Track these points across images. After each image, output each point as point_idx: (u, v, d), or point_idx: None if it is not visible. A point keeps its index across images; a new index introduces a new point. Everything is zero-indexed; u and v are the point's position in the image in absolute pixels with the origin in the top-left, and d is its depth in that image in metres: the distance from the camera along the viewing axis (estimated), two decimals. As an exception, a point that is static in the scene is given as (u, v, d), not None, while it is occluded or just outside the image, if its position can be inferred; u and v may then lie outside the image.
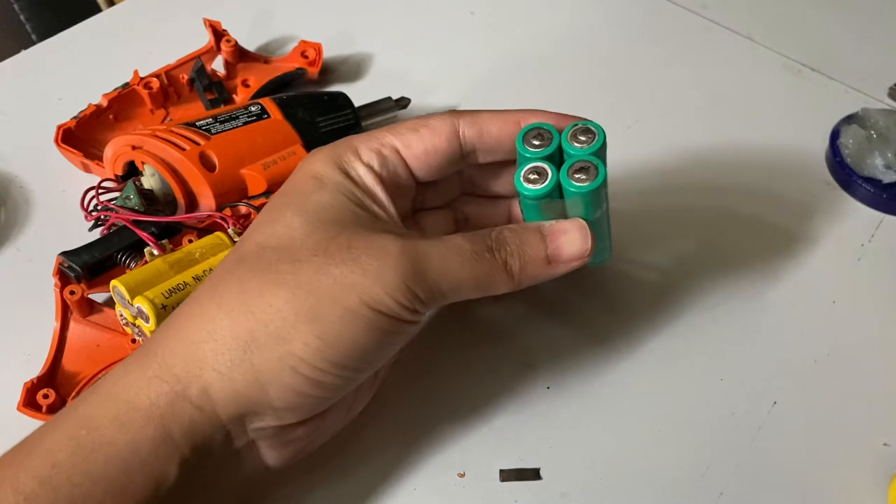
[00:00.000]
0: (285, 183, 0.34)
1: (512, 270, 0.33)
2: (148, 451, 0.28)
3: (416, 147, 0.34)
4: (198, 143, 0.42)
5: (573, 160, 0.33)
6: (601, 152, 0.34)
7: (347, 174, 0.33)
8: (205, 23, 0.51)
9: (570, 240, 0.33)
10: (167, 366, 0.29)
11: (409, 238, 0.31)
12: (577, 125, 0.34)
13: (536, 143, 0.34)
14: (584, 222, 0.34)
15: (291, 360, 0.29)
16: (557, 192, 0.33)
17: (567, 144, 0.33)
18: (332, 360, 0.30)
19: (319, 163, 0.33)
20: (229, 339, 0.29)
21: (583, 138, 0.33)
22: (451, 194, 0.39)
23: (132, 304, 0.36)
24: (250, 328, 0.29)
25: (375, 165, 0.34)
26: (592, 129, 0.34)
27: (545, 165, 0.33)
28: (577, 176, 0.32)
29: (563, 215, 0.34)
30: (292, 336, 0.29)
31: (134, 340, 0.38)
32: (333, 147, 0.34)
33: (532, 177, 0.33)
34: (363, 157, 0.34)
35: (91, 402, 0.29)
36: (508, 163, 0.36)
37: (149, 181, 0.42)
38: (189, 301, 0.32)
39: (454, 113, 0.35)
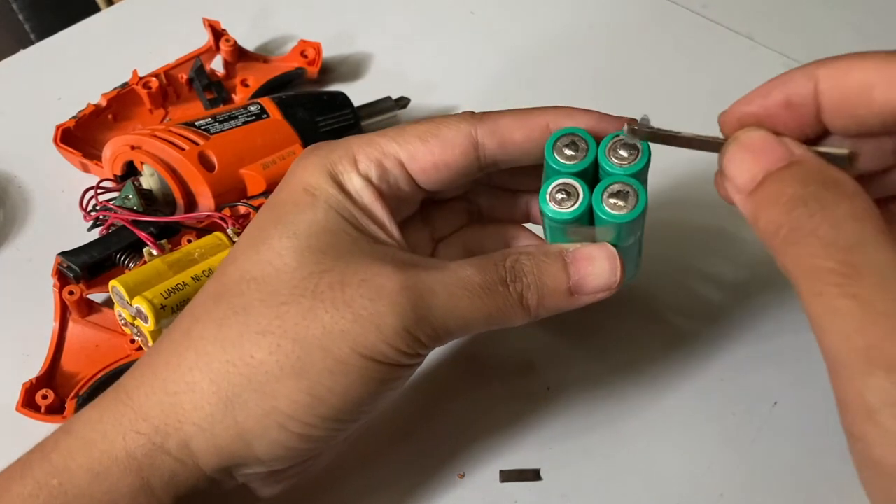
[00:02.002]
0: (275, 192, 0.31)
1: (528, 304, 0.29)
2: (126, 502, 0.27)
3: (424, 160, 0.30)
4: (197, 143, 0.42)
5: (610, 180, 0.28)
6: (643, 173, 0.29)
7: (342, 187, 0.30)
8: (204, 22, 0.51)
9: (597, 270, 0.29)
10: (144, 415, 0.27)
11: (410, 269, 0.28)
12: (618, 136, 0.29)
13: (569, 153, 0.29)
14: (613, 249, 0.30)
15: (278, 417, 0.27)
16: (588, 216, 0.29)
17: (604, 159, 0.29)
18: (322, 415, 0.27)
19: (312, 171, 0.30)
20: (209, 393, 0.27)
21: (624, 154, 0.29)
22: (465, 187, 0.35)
23: (131, 305, 0.36)
24: (232, 382, 0.27)
25: (374, 177, 0.30)
26: (636, 143, 0.29)
27: (576, 183, 0.29)
28: (612, 201, 0.28)
29: (591, 239, 0.30)
30: (277, 391, 0.27)
31: (133, 341, 0.38)
32: (329, 151, 0.30)
33: (559, 196, 0.29)
34: (360, 166, 0.30)
35: (64, 448, 0.27)
36: None
37: (148, 181, 0.42)
38: (165, 341, 0.29)
39: (471, 118, 0.31)
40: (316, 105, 0.46)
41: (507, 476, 0.35)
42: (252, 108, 0.44)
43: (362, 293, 0.27)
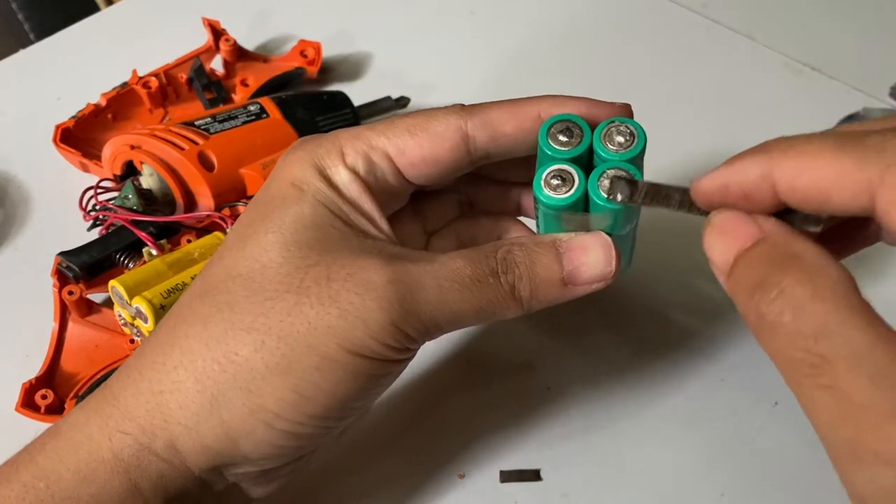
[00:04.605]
0: (263, 188, 0.30)
1: (521, 296, 0.29)
2: None
3: (413, 154, 0.30)
4: (196, 143, 0.42)
5: (606, 166, 0.28)
6: (640, 159, 0.29)
7: (329, 181, 0.29)
8: (203, 22, 0.51)
9: (592, 260, 0.29)
10: (130, 416, 0.27)
11: (397, 263, 0.27)
12: (613, 122, 0.29)
13: (563, 139, 0.28)
14: (608, 238, 0.29)
15: (264, 416, 0.26)
16: (583, 202, 0.29)
17: (599, 145, 0.28)
18: (310, 413, 0.27)
19: (299, 165, 0.29)
20: (194, 392, 0.27)
21: (620, 139, 0.28)
22: (455, 179, 0.34)
23: (131, 305, 0.36)
24: (216, 380, 0.27)
25: (361, 171, 0.29)
26: (632, 128, 0.28)
27: (571, 169, 0.28)
28: (609, 187, 0.28)
29: (585, 227, 0.29)
30: (263, 389, 0.26)
31: (132, 341, 0.38)
32: (316, 145, 0.30)
33: (554, 182, 0.28)
34: (348, 159, 0.29)
35: (51, 450, 0.27)
36: None
37: (147, 181, 0.42)
38: (152, 340, 0.28)
39: (461, 110, 0.30)
40: (316, 105, 0.46)
41: (507, 476, 0.35)
42: (252, 108, 0.44)
43: (348, 287, 0.27)
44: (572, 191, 0.28)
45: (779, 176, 0.24)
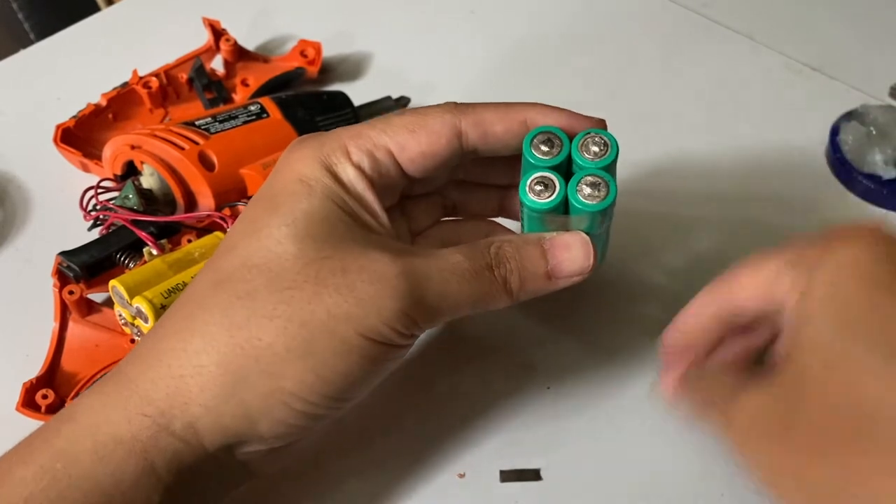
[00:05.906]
0: (266, 184, 0.32)
1: (511, 288, 0.32)
2: (130, 483, 0.27)
3: (412, 150, 0.32)
4: (197, 143, 0.42)
5: (583, 173, 0.32)
6: (612, 166, 0.32)
7: (336, 177, 0.31)
8: (204, 22, 0.51)
9: (573, 256, 0.32)
10: (149, 399, 0.28)
11: (404, 256, 0.30)
12: (589, 133, 0.32)
13: (545, 149, 0.32)
14: (586, 237, 0.32)
15: (283, 396, 0.28)
16: (563, 206, 0.32)
17: (577, 154, 0.32)
18: (325, 393, 0.29)
19: (306, 162, 0.31)
20: (217, 375, 0.28)
21: (595, 149, 0.32)
22: (441, 182, 0.37)
23: (131, 305, 0.36)
24: (240, 364, 0.28)
25: (366, 168, 0.32)
26: (605, 139, 0.32)
27: (552, 176, 0.32)
28: (586, 192, 0.31)
29: (566, 227, 0.33)
30: (284, 372, 0.28)
31: (133, 340, 0.38)
32: (320, 144, 0.32)
33: (538, 188, 0.32)
34: (353, 157, 0.32)
35: (68, 433, 0.28)
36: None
37: (148, 181, 0.42)
38: (166, 327, 0.30)
39: (454, 109, 0.33)
40: (316, 105, 0.46)
41: (507, 476, 0.35)
42: (252, 108, 0.44)
43: (363, 278, 0.29)
44: (554, 196, 0.32)
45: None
